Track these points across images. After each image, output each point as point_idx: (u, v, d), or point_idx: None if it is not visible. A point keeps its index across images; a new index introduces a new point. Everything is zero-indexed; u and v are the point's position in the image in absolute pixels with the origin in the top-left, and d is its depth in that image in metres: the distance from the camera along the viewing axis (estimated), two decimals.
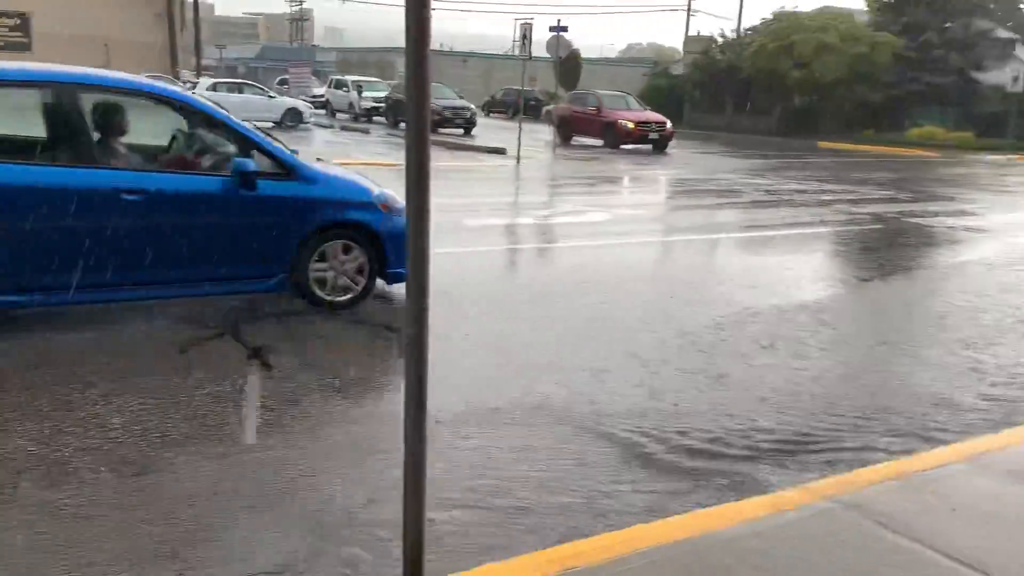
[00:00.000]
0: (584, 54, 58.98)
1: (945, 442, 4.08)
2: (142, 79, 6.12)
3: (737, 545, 2.98)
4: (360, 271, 5.92)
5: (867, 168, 23.11)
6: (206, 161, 5.57)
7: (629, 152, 23.95)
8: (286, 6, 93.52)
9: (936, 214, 13.43)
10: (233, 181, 5.33)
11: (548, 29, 23.42)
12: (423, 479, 2.38)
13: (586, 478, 3.56)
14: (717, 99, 43.58)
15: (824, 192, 16.13)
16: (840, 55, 36.15)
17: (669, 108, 45.86)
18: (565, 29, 22.70)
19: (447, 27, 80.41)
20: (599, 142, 25.47)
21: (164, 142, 5.87)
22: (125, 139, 5.31)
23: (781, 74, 37.65)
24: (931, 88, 38.98)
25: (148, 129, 5.76)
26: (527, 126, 25.72)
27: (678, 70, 48.71)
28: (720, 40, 45.47)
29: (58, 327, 5.19)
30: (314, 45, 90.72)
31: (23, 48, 45.85)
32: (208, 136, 5.65)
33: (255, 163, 5.38)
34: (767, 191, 16.04)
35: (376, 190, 6.06)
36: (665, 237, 10.64)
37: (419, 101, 2.20)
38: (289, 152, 5.79)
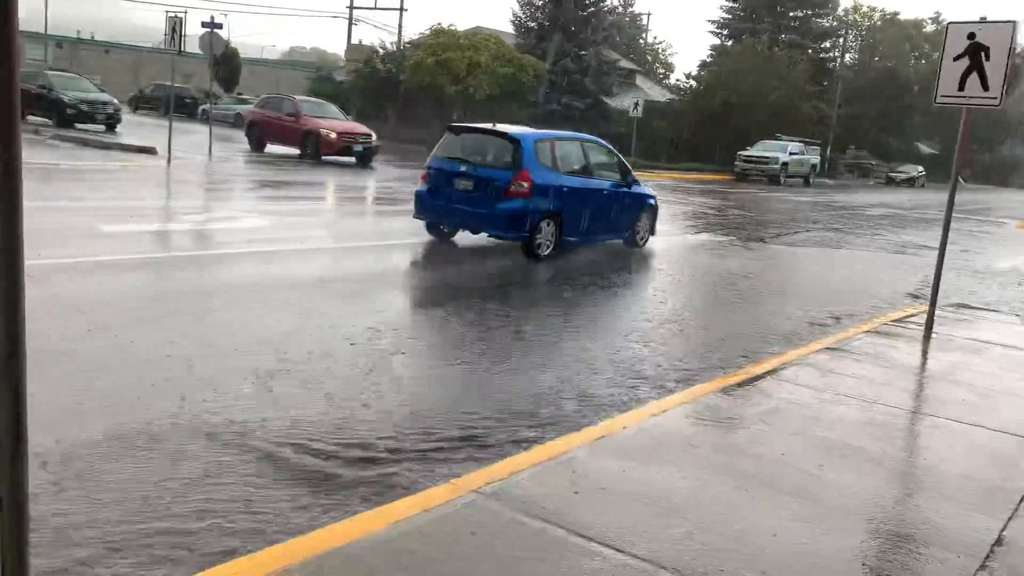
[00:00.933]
0: (244, 54, 56.54)
1: (575, 427, 4.50)
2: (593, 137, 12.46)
3: (387, 547, 3.01)
4: (647, 230, 12.02)
5: None
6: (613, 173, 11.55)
7: (324, 164, 22.36)
8: None
9: None
10: (621, 185, 11.41)
11: (200, 24, 22.15)
12: (25, 524, 2.07)
13: (236, 496, 3.38)
14: (380, 108, 44.27)
15: None
16: (491, 74, 38.62)
17: None
18: (219, 26, 21.61)
19: (103, 13, 72.75)
20: (296, 151, 23.25)
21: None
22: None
23: (438, 88, 39.27)
24: (569, 109, 43.18)
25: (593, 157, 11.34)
26: (182, 125, 24.08)
27: (341, 77, 48.74)
28: (381, 51, 46.26)
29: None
30: None
31: None
32: (611, 160, 11.61)
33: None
34: None
35: (650, 190, 12.35)
36: (326, 245, 10.54)
37: (5, 86, 1.91)
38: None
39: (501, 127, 10.74)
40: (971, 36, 7.31)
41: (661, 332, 7.10)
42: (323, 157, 22.71)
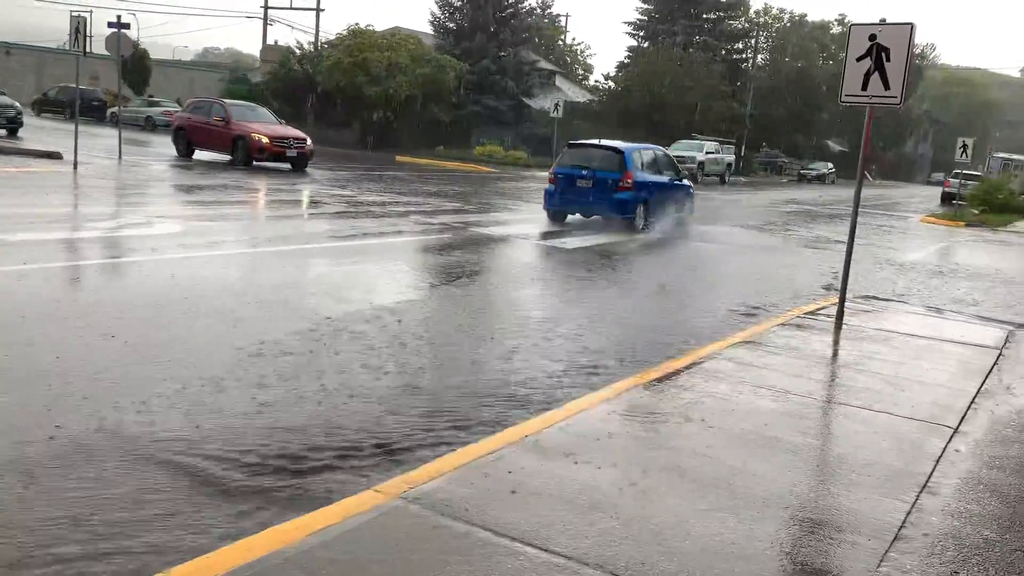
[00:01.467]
0: (155, 55, 54.93)
1: (498, 428, 4.49)
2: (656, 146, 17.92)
3: (307, 557, 2.94)
4: (690, 210, 16.89)
5: (439, 181, 24.84)
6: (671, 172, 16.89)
7: (256, 169, 21.76)
8: None
9: (497, 223, 14.88)
10: (675, 179, 16.59)
11: (107, 25, 21.40)
12: None
13: (140, 513, 3.27)
14: (297, 110, 43.54)
15: (402, 204, 16.97)
16: (410, 75, 38.40)
17: None
18: (127, 26, 20.91)
19: (1, 12, 69.42)
20: (226, 157, 22.63)
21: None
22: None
23: (358, 89, 38.84)
24: (491, 110, 43.31)
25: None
26: (90, 129, 23.21)
27: (256, 78, 47.75)
28: (298, 51, 45.51)
29: None
30: None
31: None
32: (670, 162, 16.96)
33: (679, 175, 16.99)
34: (350, 202, 16.40)
35: (688, 182, 17.31)
36: (244, 249, 10.29)
37: None
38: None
39: (607, 142, 16.04)
40: (872, 37, 7.60)
41: (580, 328, 7.16)
42: (254, 162, 22.16)
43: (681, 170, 17.58)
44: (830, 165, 60.34)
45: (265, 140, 22.07)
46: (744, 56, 62.11)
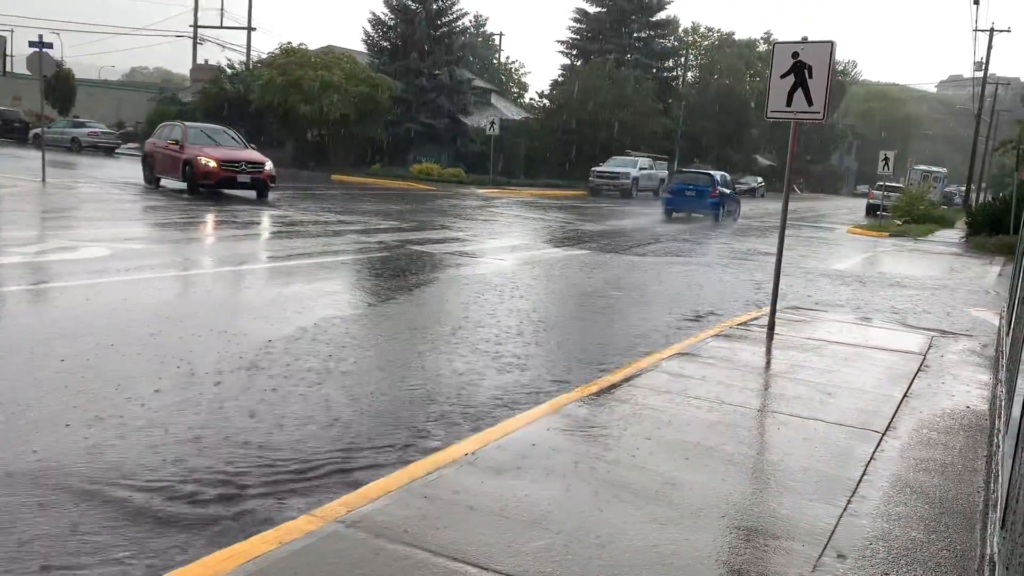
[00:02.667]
0: (81, 75, 53.55)
1: (436, 448, 4.47)
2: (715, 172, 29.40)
3: None
4: (739, 213, 30.08)
5: (376, 200, 24.70)
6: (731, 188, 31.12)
7: (215, 196, 20.15)
8: None
9: (434, 241, 14.86)
10: (733, 192, 30.62)
11: (28, 44, 20.83)
12: None
13: (70, 545, 3.15)
14: (230, 129, 42.83)
15: (337, 223, 16.81)
16: (344, 93, 38.16)
17: None
18: (49, 46, 20.40)
19: None
20: (182, 184, 20.74)
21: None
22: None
23: (291, 108, 38.44)
24: (427, 128, 43.29)
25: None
26: (10, 151, 22.44)
27: (187, 97, 46.90)
28: (229, 70, 44.86)
29: None
30: None
31: None
32: (731, 180, 32.16)
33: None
34: (284, 223, 16.17)
35: (729, 191, 29.59)
36: (182, 271, 10.06)
37: None
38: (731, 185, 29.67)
39: (702, 170, 30.39)
40: (795, 55, 7.85)
41: (519, 343, 7.18)
42: (200, 188, 20.21)
43: (732, 185, 31.27)
44: (760, 179, 61.86)
45: (212, 164, 19.90)
46: (675, 74, 63.41)
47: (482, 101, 50.91)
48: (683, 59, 65.94)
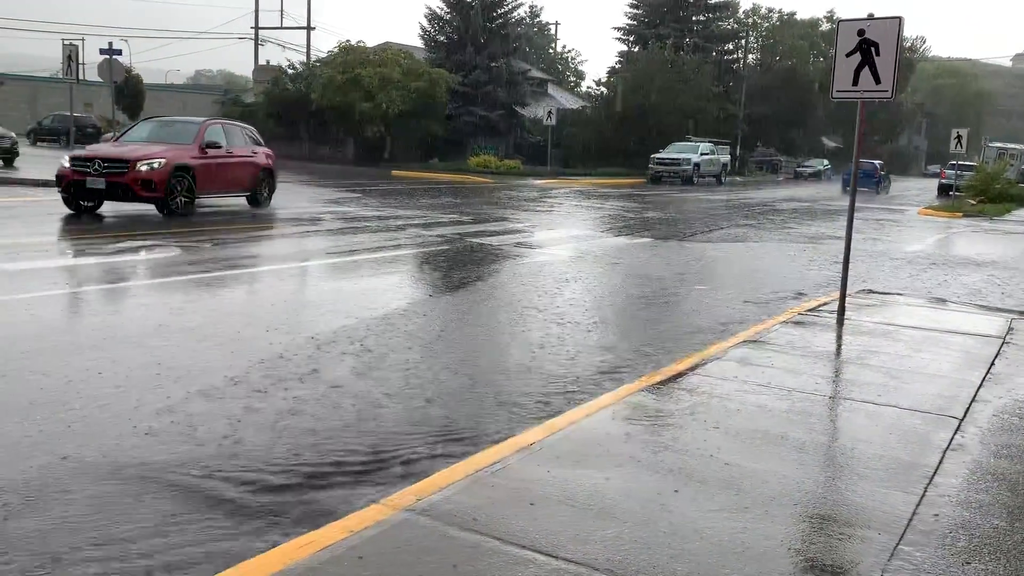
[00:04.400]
0: (148, 80, 55.19)
1: (502, 437, 4.49)
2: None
3: (317, 574, 2.94)
4: (884, 188, 43.25)
5: (435, 194, 24.89)
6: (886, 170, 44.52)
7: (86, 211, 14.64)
8: None
9: (494, 233, 14.90)
10: (888, 173, 46.84)
11: (99, 52, 21.52)
12: None
13: (150, 533, 3.26)
14: (293, 129, 43.67)
15: (399, 218, 16.99)
16: (403, 89, 38.50)
17: None
18: (119, 52, 21.05)
19: None
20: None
21: None
22: None
23: (351, 106, 38.95)
24: (484, 120, 43.38)
25: None
26: None
27: (250, 99, 47.90)
28: (290, 71, 45.65)
29: None
30: None
31: None
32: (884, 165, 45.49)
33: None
34: (347, 219, 16.42)
35: (884, 172, 42.40)
36: (252, 268, 10.30)
37: None
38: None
39: (868, 160, 39.94)
40: (861, 33, 7.63)
41: (583, 333, 7.16)
42: (63, 196, 14.61)
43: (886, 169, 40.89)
44: (825, 162, 60.40)
45: (66, 164, 14.44)
46: (735, 57, 62.29)
47: (539, 91, 50.82)
48: (743, 41, 64.69)
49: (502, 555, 3.11)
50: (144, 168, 14.07)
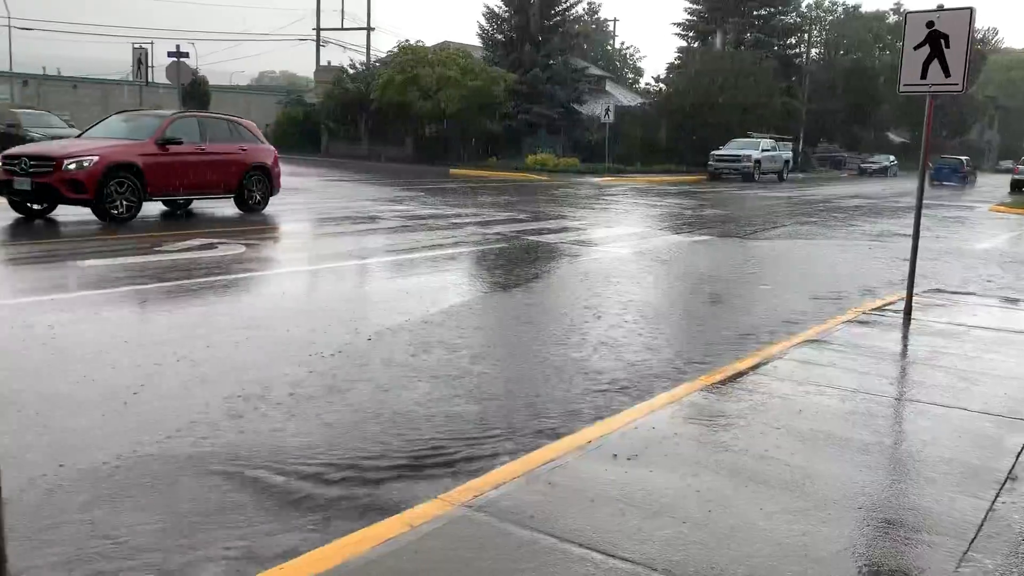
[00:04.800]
0: (213, 81, 56.69)
1: (559, 435, 4.49)
2: None
3: (374, 569, 2.98)
4: (970, 183, 48.08)
5: (492, 192, 24.97)
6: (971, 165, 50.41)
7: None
8: None
9: (551, 231, 14.89)
10: (974, 167, 49.51)
11: (167, 54, 22.12)
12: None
13: (214, 524, 3.35)
14: (353, 128, 44.27)
15: (456, 216, 17.10)
16: (461, 88, 38.71)
17: (307, 138, 45.77)
18: (186, 55, 21.61)
19: (68, 48, 72.38)
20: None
21: None
22: None
23: (409, 105, 39.32)
24: (542, 118, 43.34)
25: None
26: None
27: (312, 99, 48.70)
28: (351, 70, 46.28)
29: None
30: None
31: None
32: (970, 159, 52.61)
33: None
34: (407, 217, 16.59)
35: (969, 168, 48.85)
36: (312, 266, 10.49)
37: None
38: None
39: (953, 156, 47.52)
40: (930, 24, 7.41)
41: (641, 332, 7.11)
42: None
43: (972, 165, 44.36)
44: (892, 158, 58.83)
45: None
46: (798, 51, 61.01)
47: (596, 89, 50.57)
48: (806, 35, 63.36)
49: (559, 552, 3.11)
50: (72, 167, 12.42)
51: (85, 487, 3.64)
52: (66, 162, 12.38)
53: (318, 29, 52.59)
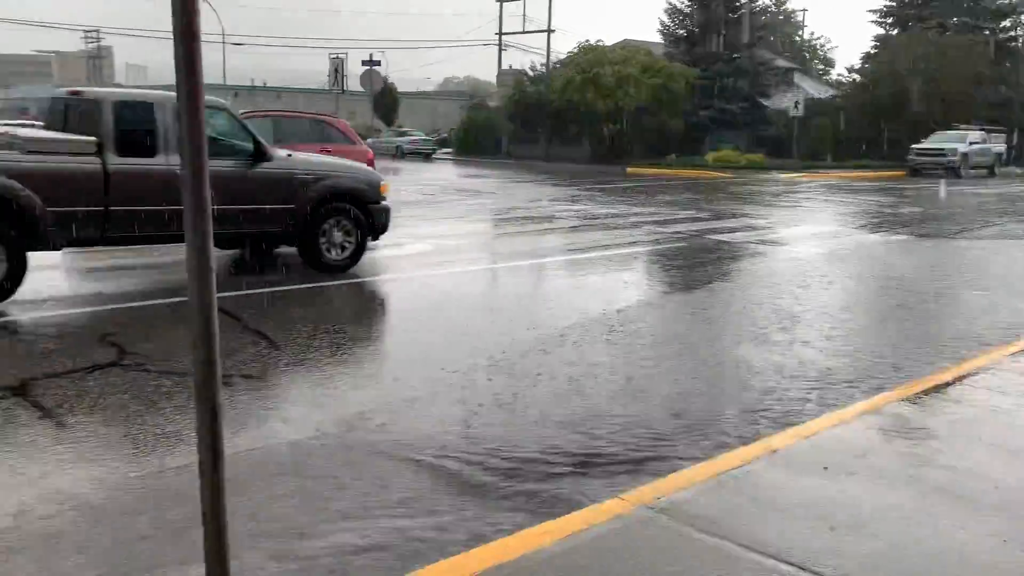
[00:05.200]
0: (401, 88, 59.22)
1: (746, 440, 4.33)
2: None
3: (555, 563, 3.00)
4: None
5: (671, 190, 24.55)
6: None
7: None
8: (82, 43, 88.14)
9: (733, 230, 14.43)
10: None
11: (361, 63, 23.39)
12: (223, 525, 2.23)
13: (400, 508, 3.49)
14: (532, 130, 44.94)
15: (634, 215, 16.95)
16: (641, 86, 38.34)
17: (488, 141, 47.02)
18: (378, 63, 22.80)
19: (260, 62, 78.48)
20: None
21: None
22: None
23: (590, 105, 39.40)
24: (724, 114, 42.12)
25: None
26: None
27: (494, 102, 49.91)
28: (532, 73, 47.01)
29: None
30: (117, 83, 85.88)
31: None
32: None
33: None
34: (583, 216, 16.65)
35: None
36: (492, 264, 10.77)
37: (193, 133, 2.08)
38: None
39: None
40: None
41: (834, 336, 6.74)
42: None
43: None
44: None
45: None
46: (1012, 35, 55.60)
47: (783, 81, 48.46)
48: (1022, 17, 57.65)
49: (745, 562, 3.00)
50: None
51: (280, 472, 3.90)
52: None
53: (500, 34, 53.74)
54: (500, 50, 53.79)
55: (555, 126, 43.89)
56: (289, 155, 8.95)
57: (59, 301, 7.68)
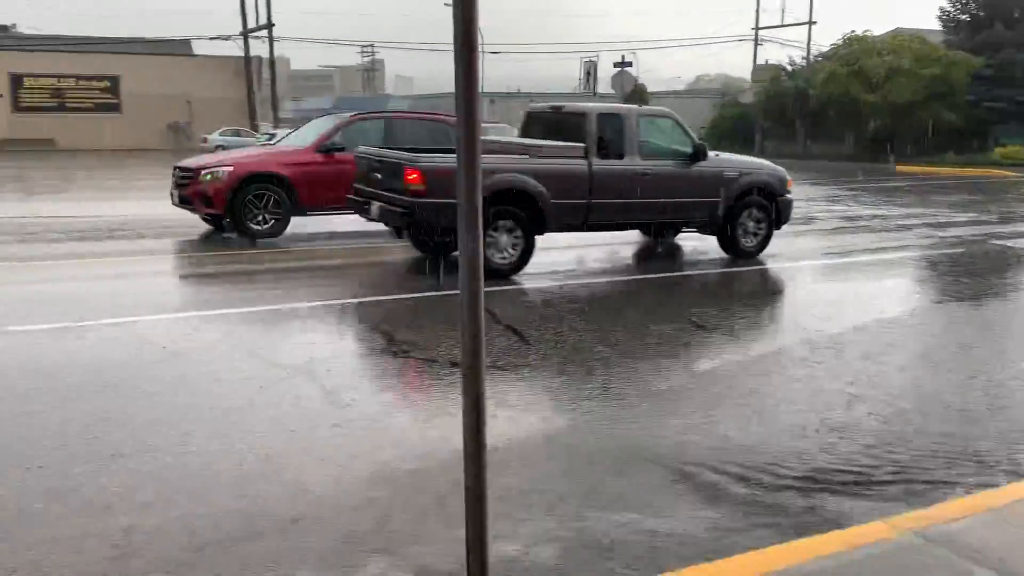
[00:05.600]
0: (651, 88, 59.10)
1: None
2: None
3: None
4: None
5: (947, 191, 22.38)
6: None
7: None
8: (359, 57, 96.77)
9: (1022, 235, 12.88)
10: None
11: (612, 65, 23.59)
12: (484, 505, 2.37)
13: (655, 515, 3.49)
14: (788, 127, 42.97)
15: (904, 216, 15.66)
16: (913, 77, 35.33)
17: (740, 137, 45.60)
18: (629, 64, 22.86)
19: (513, 68, 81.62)
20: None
21: None
22: None
23: (854, 99, 36.96)
24: (1014, 106, 37.65)
25: None
26: None
27: (747, 99, 48.27)
28: (789, 67, 44.97)
29: None
30: (386, 94, 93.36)
31: (113, 109, 48.42)
32: None
33: None
34: (845, 217, 15.65)
35: None
36: (730, 268, 10.45)
37: (469, 140, 2.22)
38: None
39: None
40: None
41: None
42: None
43: None
44: None
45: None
46: None
47: None
48: None
49: None
50: (207, 178, 11.37)
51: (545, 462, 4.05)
52: (202, 173, 11.42)
53: (756, 28, 51.82)
54: (756, 45, 51.90)
55: (814, 122, 41.65)
56: (717, 154, 10.31)
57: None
